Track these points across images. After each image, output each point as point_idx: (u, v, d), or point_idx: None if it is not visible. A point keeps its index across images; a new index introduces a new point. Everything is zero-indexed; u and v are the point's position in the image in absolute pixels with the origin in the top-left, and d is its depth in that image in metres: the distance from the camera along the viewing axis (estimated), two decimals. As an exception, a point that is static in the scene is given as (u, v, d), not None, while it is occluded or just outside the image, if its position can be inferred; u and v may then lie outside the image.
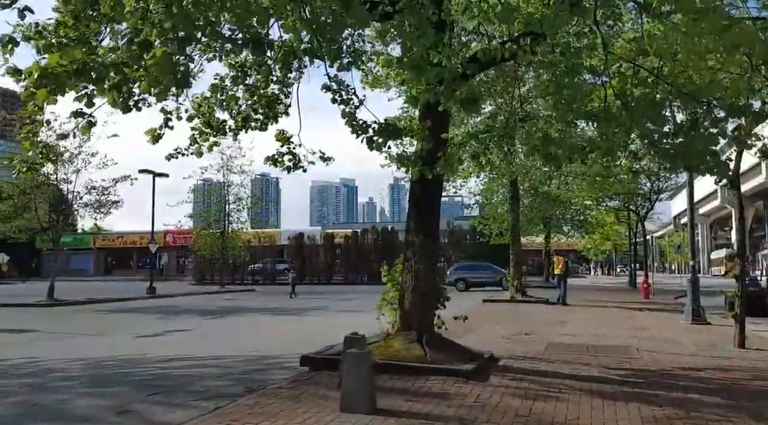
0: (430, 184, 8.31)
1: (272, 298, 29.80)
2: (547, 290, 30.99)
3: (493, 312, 17.99)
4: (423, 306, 8.14)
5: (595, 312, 18.17)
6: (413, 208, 8.42)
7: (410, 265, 8.22)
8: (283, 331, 14.66)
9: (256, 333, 14.22)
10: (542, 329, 13.32)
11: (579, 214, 36.28)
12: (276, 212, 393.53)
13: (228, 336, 13.61)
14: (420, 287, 8.13)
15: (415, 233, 8.27)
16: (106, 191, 26.46)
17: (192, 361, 9.76)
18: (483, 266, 35.89)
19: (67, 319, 18.64)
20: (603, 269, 77.97)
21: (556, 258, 22.19)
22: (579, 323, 14.86)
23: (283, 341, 12.34)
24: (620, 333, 12.66)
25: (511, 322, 14.73)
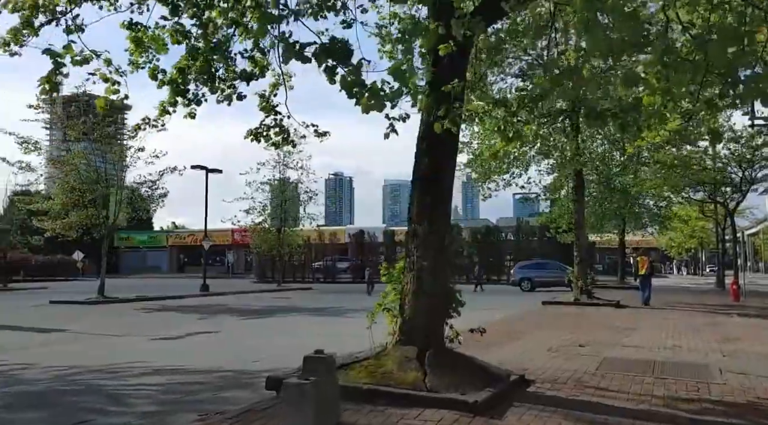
0: (440, 149, 6.57)
1: (326, 297, 28.62)
2: (620, 292, 28.17)
3: (549, 317, 15.85)
4: (428, 314, 6.38)
5: (672, 317, 15.67)
6: (417, 185, 6.67)
7: (412, 261, 6.49)
8: (315, 334, 13.17)
9: (281, 337, 12.85)
10: (603, 338, 11.18)
11: (658, 208, 32.88)
12: (349, 210, 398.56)
13: (247, 341, 12.29)
14: (424, 290, 6.38)
15: (418, 219, 6.53)
16: (154, 184, 26.08)
17: (173, 375, 8.40)
18: (551, 264, 33.43)
19: (105, 317, 18.25)
20: (689, 268, 72.25)
21: (641, 258, 21.11)
22: (650, 331, 12.56)
23: (302, 347, 10.85)
24: (700, 346, 10.36)
25: (568, 329, 12.62)
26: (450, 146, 6.70)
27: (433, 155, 6.60)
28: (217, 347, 11.70)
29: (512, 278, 34.15)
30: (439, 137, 6.48)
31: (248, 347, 11.39)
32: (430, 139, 6.60)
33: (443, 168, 6.63)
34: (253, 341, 12.37)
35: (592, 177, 23.69)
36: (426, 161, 6.61)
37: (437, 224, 6.48)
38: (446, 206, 6.60)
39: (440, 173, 6.60)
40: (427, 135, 6.64)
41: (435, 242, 6.45)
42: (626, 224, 33.89)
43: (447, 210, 6.63)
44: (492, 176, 22.33)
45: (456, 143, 6.79)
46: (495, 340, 10.57)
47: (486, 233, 45.88)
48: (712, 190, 29.48)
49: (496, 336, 11.11)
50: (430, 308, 6.38)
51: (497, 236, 46.26)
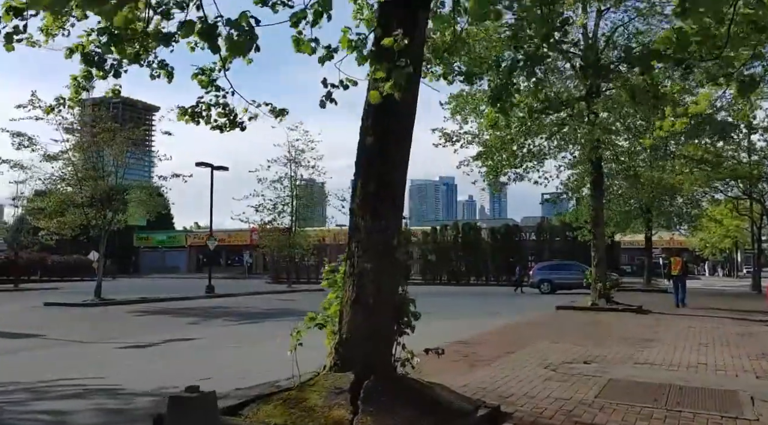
0: (389, 123, 5.22)
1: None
2: (646, 295, 26.30)
3: (559, 324, 14.28)
4: (370, 331, 5.00)
5: (699, 325, 13.98)
6: (359, 169, 5.31)
7: (352, 264, 5.12)
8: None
9: (258, 347, 11.60)
10: (614, 352, 9.64)
11: (687, 207, 30.78)
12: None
13: (219, 351, 11.07)
14: (366, 300, 5.00)
15: (360, 211, 5.16)
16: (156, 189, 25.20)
17: (94, 398, 7.14)
18: (571, 265, 31.70)
19: (91, 321, 17.40)
20: (724, 269, 69.05)
21: (674, 259, 20.65)
22: (672, 343, 10.95)
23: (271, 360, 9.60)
24: (729, 364, 8.77)
25: (576, 340, 11.08)
26: (402, 119, 5.30)
27: (379, 131, 5.21)
28: (181, 358, 10.51)
29: (531, 279, 32.46)
30: (388, 108, 5.12)
31: (214, 359, 10.18)
32: (377, 111, 5.23)
33: (392, 147, 5.23)
34: (226, 351, 11.17)
35: (615, 171, 21.93)
36: (371, 139, 5.23)
37: (384, 218, 5.10)
38: (395, 195, 5.21)
39: (388, 153, 5.21)
40: (373, 105, 5.27)
41: (380, 241, 5.07)
42: (653, 223, 31.86)
43: (397, 201, 5.24)
44: (504, 170, 20.82)
45: (411, 116, 5.38)
46: (485, 355, 9.13)
47: (506, 232, 44.15)
48: (747, 186, 27.37)
49: (489, 349, 9.67)
50: (373, 323, 5.01)
51: (518, 236, 44.51)
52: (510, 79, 6.27)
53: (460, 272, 43.34)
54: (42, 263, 51.96)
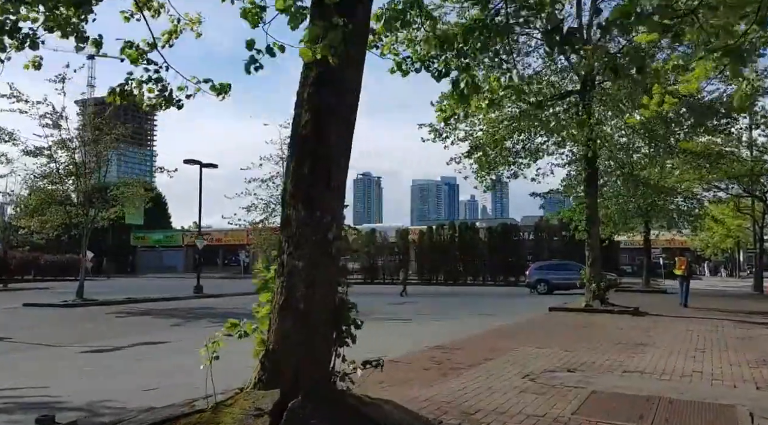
0: (328, 93, 4.51)
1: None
2: (644, 296, 25.52)
3: (550, 327, 13.53)
4: (301, 340, 4.27)
5: (697, 328, 13.23)
6: (294, 148, 4.60)
7: (282, 262, 4.40)
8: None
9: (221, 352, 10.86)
10: (604, 359, 8.90)
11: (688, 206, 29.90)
12: (378, 210, 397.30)
13: (179, 358, 10.34)
14: (296, 305, 4.28)
15: (292, 199, 4.45)
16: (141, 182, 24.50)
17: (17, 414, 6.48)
18: (569, 265, 30.94)
19: (66, 323, 16.81)
20: (727, 270, 68.00)
21: (678, 259, 20.71)
22: (667, 348, 10.20)
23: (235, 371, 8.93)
24: (727, 372, 8.02)
25: (565, 345, 10.34)
26: (344, 94, 4.58)
27: (317, 104, 4.49)
28: (142, 364, 9.79)
29: (527, 279, 31.70)
30: (329, 79, 4.41)
31: (178, 365, 9.46)
32: (317, 81, 4.51)
33: (332, 125, 4.50)
34: (194, 356, 10.44)
35: (612, 168, 21.14)
36: (307, 113, 4.50)
37: (319, 207, 4.37)
38: (334, 180, 4.47)
39: (327, 131, 4.48)
40: (311, 75, 4.55)
41: (315, 234, 4.33)
42: (652, 223, 31.02)
43: (337, 187, 4.51)
44: (497, 167, 20.07)
45: (354, 93, 4.66)
46: (462, 361, 8.40)
47: (503, 232, 43.37)
48: (748, 183, 26.54)
49: (467, 355, 8.94)
50: (305, 331, 4.28)
51: (516, 236, 43.73)
52: (468, 54, 5.55)
53: (457, 272, 42.58)
54: (35, 262, 51.49)
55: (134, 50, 5.71)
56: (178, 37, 6.65)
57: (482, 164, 19.79)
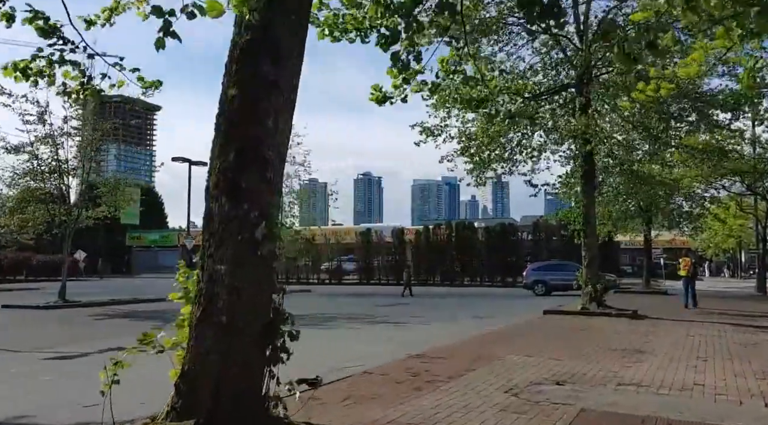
0: (261, 61, 3.80)
1: (317, 302, 25.92)
2: (644, 298, 24.79)
3: (543, 331, 12.79)
4: (225, 359, 3.55)
5: (699, 333, 12.49)
6: (219, 130, 3.87)
7: (203, 266, 3.68)
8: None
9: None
10: (597, 368, 8.17)
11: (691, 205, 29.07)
12: (379, 210, 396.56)
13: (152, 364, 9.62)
14: (217, 317, 3.56)
15: (216, 189, 3.73)
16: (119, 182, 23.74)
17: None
18: (568, 266, 30.16)
19: (39, 327, 16.11)
20: (730, 270, 67.04)
21: (683, 259, 20.56)
22: (666, 356, 9.47)
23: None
24: (731, 384, 7.29)
25: (556, 352, 9.61)
26: (281, 69, 3.84)
27: (248, 78, 3.77)
28: (92, 376, 9.07)
29: (525, 280, 30.95)
30: (262, 49, 3.69)
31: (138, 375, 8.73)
32: (246, 50, 3.79)
33: (263, 103, 3.77)
34: (153, 365, 9.73)
35: (610, 165, 20.35)
36: (236, 89, 3.78)
37: (247, 200, 3.65)
38: (265, 168, 3.74)
39: (258, 110, 3.76)
40: (242, 41, 3.83)
41: (241, 232, 3.61)
42: (653, 222, 30.24)
43: (267, 176, 3.78)
44: (491, 164, 19.31)
45: (294, 69, 3.92)
46: (440, 373, 7.67)
47: (501, 231, 42.59)
48: (751, 181, 25.74)
49: (447, 365, 8.21)
50: (228, 348, 3.55)
51: (514, 235, 42.94)
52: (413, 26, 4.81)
53: (454, 273, 41.81)
54: (27, 263, 50.96)
55: (43, 23, 4.96)
56: (119, 14, 5.92)
57: (476, 164, 19.09)
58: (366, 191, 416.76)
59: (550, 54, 17.77)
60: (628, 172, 19.66)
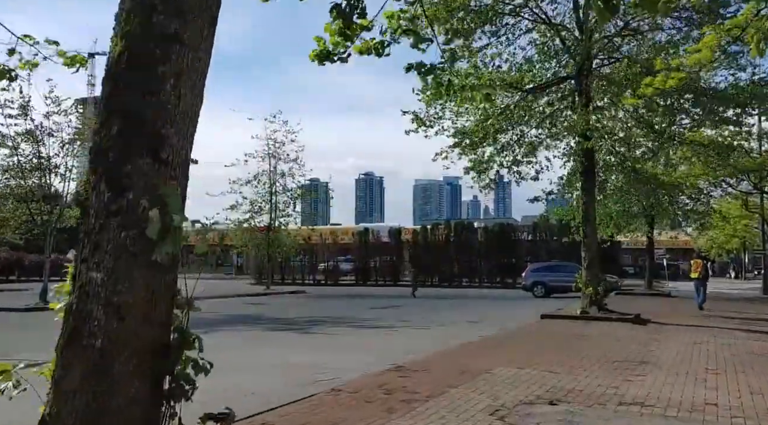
0: (163, 5, 2.95)
1: (309, 304, 25.08)
2: (646, 300, 23.90)
3: (538, 338, 11.90)
4: (101, 396, 2.69)
5: (707, 340, 11.63)
6: (102, 101, 3.01)
7: (78, 273, 2.82)
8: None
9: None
10: (595, 384, 7.31)
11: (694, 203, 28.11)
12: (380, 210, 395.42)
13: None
14: (89, 339, 2.70)
15: (94, 174, 2.87)
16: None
17: None
18: (568, 267, 29.26)
19: (6, 330, 15.42)
20: (735, 271, 65.86)
21: (694, 261, 20.47)
22: (671, 367, 8.61)
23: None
24: (747, 403, 6.43)
25: (552, 363, 8.75)
26: (189, 13, 2.99)
27: (140, 25, 2.91)
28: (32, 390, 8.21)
29: (524, 282, 30.07)
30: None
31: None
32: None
33: (167, 55, 2.92)
34: None
35: (612, 163, 19.46)
36: (122, 45, 2.92)
37: (132, 187, 2.79)
38: (165, 147, 2.90)
39: (157, 64, 2.90)
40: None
41: (125, 229, 2.75)
42: (655, 222, 29.31)
43: (166, 156, 2.93)
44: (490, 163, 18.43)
45: (210, 12, 3.07)
46: (420, 389, 6.82)
47: (500, 231, 41.70)
48: (757, 179, 24.81)
49: (429, 380, 7.35)
50: (106, 381, 2.69)
51: (514, 236, 42.02)
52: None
53: (452, 274, 40.93)
54: (19, 263, 50.25)
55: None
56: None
57: (474, 162, 18.24)
58: (367, 190, 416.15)
59: (548, 44, 16.91)
60: (630, 170, 18.77)
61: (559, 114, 18.26)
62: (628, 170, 18.52)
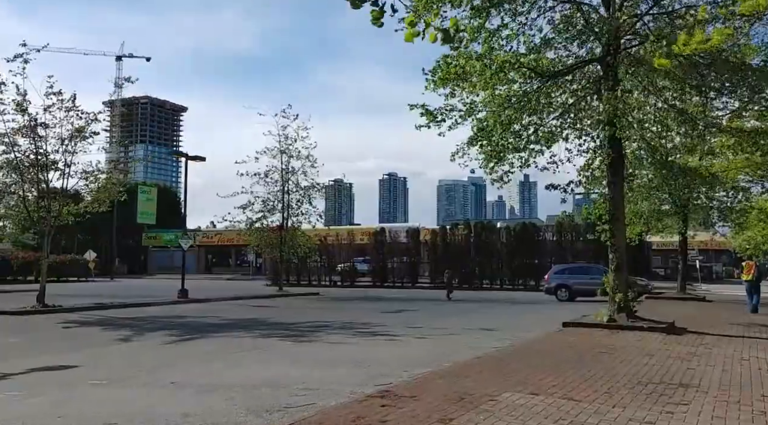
0: None
1: (323, 308, 23.82)
2: (680, 305, 22.04)
3: (558, 353, 10.33)
4: None
5: (755, 357, 9.99)
6: None
7: None
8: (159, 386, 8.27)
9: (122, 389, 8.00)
10: (624, 417, 5.81)
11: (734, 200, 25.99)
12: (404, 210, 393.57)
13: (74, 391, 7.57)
14: None
15: None
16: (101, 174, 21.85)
17: None
18: (594, 268, 27.62)
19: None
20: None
21: (746, 263, 20.28)
22: (719, 394, 7.05)
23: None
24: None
25: (571, 386, 7.25)
26: None
27: None
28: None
29: (546, 284, 28.39)
30: None
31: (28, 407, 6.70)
32: None
33: None
34: (81, 391, 7.71)
35: (642, 155, 17.74)
36: None
37: None
38: None
39: None
40: None
41: None
42: (688, 221, 27.30)
43: None
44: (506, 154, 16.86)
45: None
46: (409, 423, 5.41)
47: (523, 231, 39.94)
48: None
49: (415, 413, 5.93)
50: None
51: (537, 236, 40.22)
52: None
53: (471, 276, 39.32)
54: (37, 263, 50.12)
55: None
56: None
57: (488, 155, 16.68)
58: (391, 191, 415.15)
59: (571, 23, 15.29)
60: (662, 162, 17.05)
61: (584, 104, 16.63)
62: (660, 163, 16.80)
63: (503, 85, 14.30)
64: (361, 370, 8.91)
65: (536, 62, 14.99)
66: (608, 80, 14.54)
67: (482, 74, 13.37)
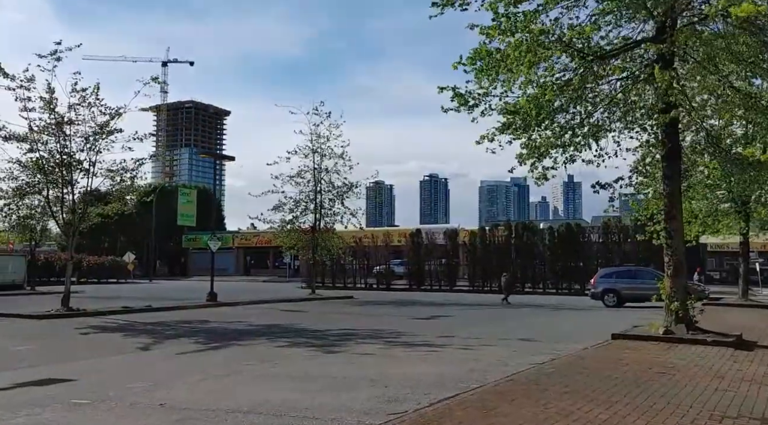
0: None
1: (353, 313, 22.69)
2: (741, 313, 20.00)
3: (605, 373, 8.82)
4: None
5: None
6: None
7: None
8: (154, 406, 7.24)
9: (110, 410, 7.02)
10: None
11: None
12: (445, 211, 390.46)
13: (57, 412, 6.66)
14: None
15: None
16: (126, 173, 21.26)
17: None
18: (643, 272, 25.84)
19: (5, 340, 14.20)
20: None
21: None
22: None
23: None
24: None
25: (627, 422, 5.88)
26: None
27: None
28: None
29: (593, 289, 26.60)
30: None
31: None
32: None
33: None
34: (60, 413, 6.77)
35: (701, 146, 15.93)
36: None
37: None
38: None
39: None
40: None
41: None
42: (751, 220, 25.08)
43: None
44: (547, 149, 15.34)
45: None
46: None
47: (566, 233, 38.01)
48: None
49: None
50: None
51: (582, 237, 38.22)
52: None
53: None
54: (78, 265, 50.63)
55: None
56: None
57: (529, 149, 15.17)
58: (432, 192, 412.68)
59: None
60: (724, 154, 15.27)
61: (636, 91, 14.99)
62: (721, 154, 15.04)
63: (544, 62, 12.82)
64: (377, 391, 7.71)
65: (580, 36, 13.40)
66: (663, 61, 12.94)
67: (518, 48, 11.97)
